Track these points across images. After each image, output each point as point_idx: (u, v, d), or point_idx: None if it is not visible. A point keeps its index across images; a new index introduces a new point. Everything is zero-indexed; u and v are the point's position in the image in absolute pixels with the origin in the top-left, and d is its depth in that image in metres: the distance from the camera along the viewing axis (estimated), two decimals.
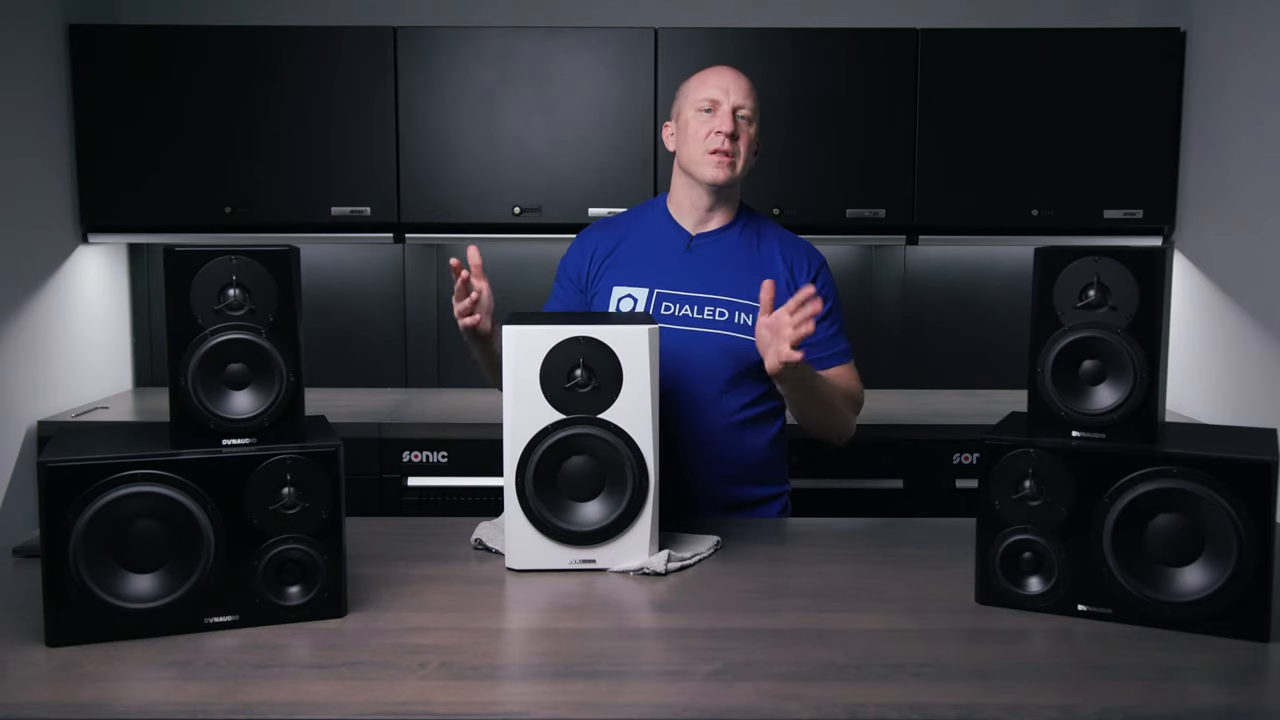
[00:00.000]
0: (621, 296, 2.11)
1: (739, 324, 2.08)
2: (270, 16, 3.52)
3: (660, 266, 2.13)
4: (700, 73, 2.16)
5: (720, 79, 2.11)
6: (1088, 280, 1.53)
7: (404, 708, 1.26)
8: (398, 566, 1.74)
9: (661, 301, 2.10)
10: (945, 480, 3.05)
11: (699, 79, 2.14)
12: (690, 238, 2.16)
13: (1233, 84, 3.01)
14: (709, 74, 2.13)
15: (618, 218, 2.28)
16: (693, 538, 1.85)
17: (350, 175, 3.24)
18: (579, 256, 2.21)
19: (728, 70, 2.14)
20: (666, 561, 1.72)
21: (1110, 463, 1.51)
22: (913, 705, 1.26)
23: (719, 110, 2.08)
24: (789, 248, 2.18)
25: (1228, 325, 3.03)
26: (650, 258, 2.15)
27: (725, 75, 2.12)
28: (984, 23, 3.40)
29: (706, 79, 2.12)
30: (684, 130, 2.13)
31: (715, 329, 2.07)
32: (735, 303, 2.09)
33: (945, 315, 3.64)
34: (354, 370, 3.64)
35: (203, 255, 1.48)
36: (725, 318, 2.09)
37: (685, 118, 2.13)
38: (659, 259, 2.14)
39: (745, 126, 2.11)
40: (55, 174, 3.18)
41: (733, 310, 2.09)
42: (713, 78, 2.12)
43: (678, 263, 2.14)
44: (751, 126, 2.12)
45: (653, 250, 2.16)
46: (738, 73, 2.14)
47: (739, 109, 2.09)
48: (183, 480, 1.45)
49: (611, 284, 2.14)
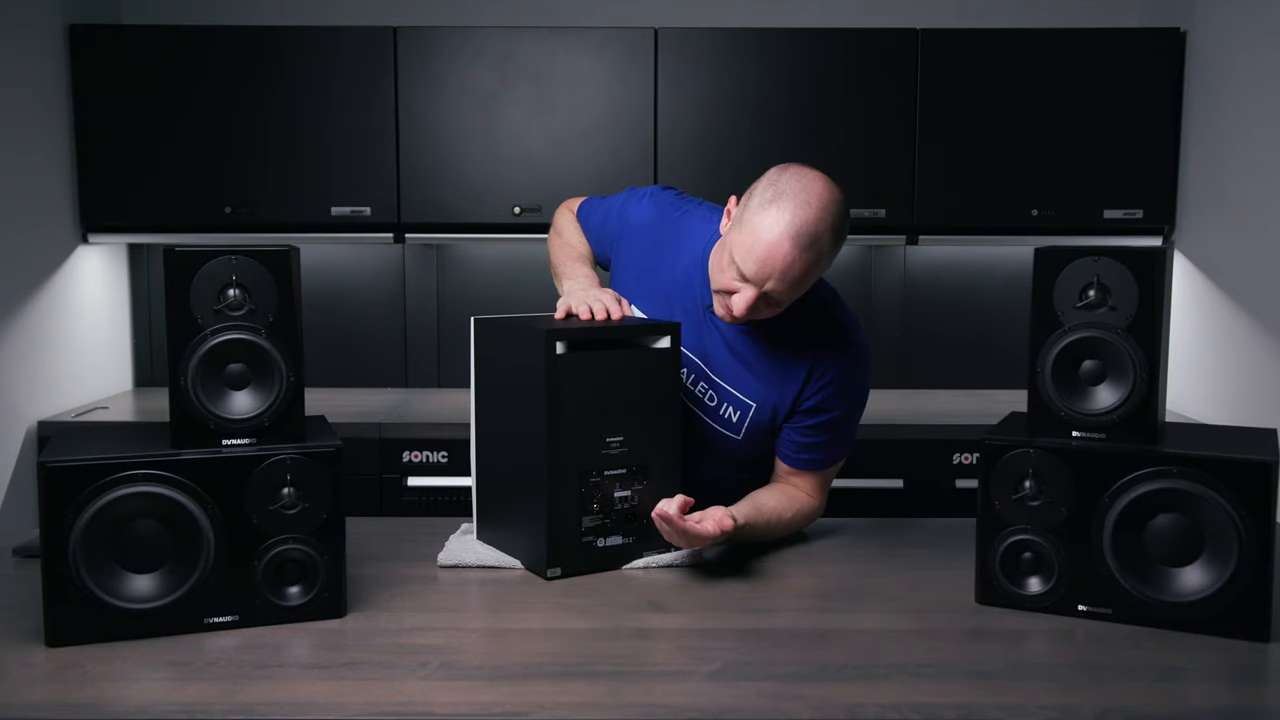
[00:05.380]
0: None
1: (723, 416, 1.88)
2: (270, 16, 3.51)
3: (681, 312, 1.89)
4: (770, 215, 1.68)
5: (768, 258, 1.67)
6: (1088, 280, 1.53)
7: (404, 708, 1.26)
8: (398, 566, 1.74)
9: None
10: (945, 480, 3.05)
11: (756, 230, 1.68)
12: None
13: (1233, 84, 3.01)
14: (767, 234, 1.67)
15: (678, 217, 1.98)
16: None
17: (350, 175, 3.24)
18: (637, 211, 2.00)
19: (787, 246, 1.66)
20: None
21: (1110, 463, 1.51)
22: (913, 705, 1.26)
23: (746, 285, 1.71)
24: (811, 355, 1.85)
25: (1228, 325, 3.03)
26: (674, 296, 1.91)
27: (777, 257, 1.67)
28: (984, 23, 3.40)
29: (759, 242, 1.67)
30: (715, 257, 1.78)
31: (700, 411, 1.89)
32: (728, 392, 1.88)
33: (945, 315, 3.64)
34: (354, 370, 3.64)
35: (203, 255, 1.48)
36: (713, 404, 1.89)
37: (726, 242, 1.74)
38: (681, 302, 1.90)
39: (765, 307, 1.74)
40: (55, 174, 3.18)
41: (722, 400, 1.88)
42: (763, 246, 1.67)
43: (692, 319, 1.89)
44: (783, 304, 1.75)
45: (680, 291, 1.91)
46: (798, 253, 1.67)
47: (771, 294, 1.71)
48: (183, 480, 1.45)
49: (634, 296, 1.94)
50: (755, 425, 1.88)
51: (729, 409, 1.89)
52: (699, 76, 3.22)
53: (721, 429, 1.90)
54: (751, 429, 1.88)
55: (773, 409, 1.87)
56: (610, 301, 1.79)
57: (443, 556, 1.76)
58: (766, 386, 1.87)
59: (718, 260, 1.77)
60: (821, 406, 1.86)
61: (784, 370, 1.86)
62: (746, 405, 1.87)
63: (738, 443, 1.90)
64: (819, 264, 1.72)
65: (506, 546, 1.77)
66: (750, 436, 1.89)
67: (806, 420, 1.87)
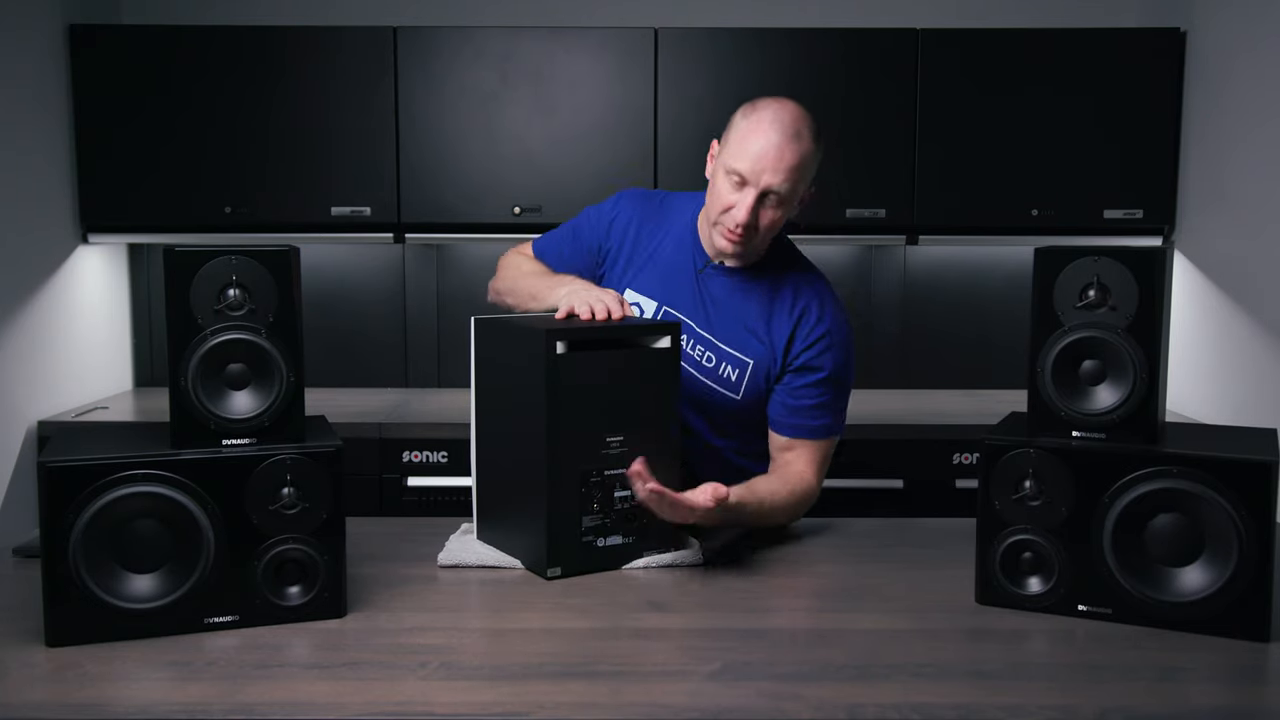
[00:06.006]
0: (632, 303, 2.01)
1: (722, 375, 1.96)
2: (270, 16, 3.51)
3: (674, 283, 2.00)
4: (751, 117, 1.84)
5: (763, 148, 1.81)
6: (1088, 280, 1.53)
7: (404, 708, 1.26)
8: (398, 566, 1.74)
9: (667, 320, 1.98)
10: (945, 480, 3.05)
11: (743, 132, 1.84)
12: (706, 262, 1.99)
13: (1233, 84, 3.01)
14: (756, 131, 1.82)
15: (662, 204, 2.09)
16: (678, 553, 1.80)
17: (350, 175, 3.24)
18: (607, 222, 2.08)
19: (772, 136, 1.81)
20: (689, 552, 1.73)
21: (1110, 463, 1.51)
22: (913, 705, 1.26)
23: (744, 190, 1.84)
24: (801, 303, 1.95)
25: (1228, 325, 3.03)
26: (666, 269, 2.02)
27: (770, 147, 1.81)
28: (984, 23, 3.40)
29: (746, 140, 1.82)
30: (712, 181, 1.91)
31: (697, 373, 1.96)
32: (725, 351, 1.96)
33: (945, 315, 3.64)
34: (354, 370, 3.64)
35: (203, 255, 1.48)
36: (711, 365, 1.96)
37: (717, 166, 1.90)
38: (675, 274, 2.01)
39: (771, 210, 1.86)
40: (55, 174, 3.18)
41: (720, 360, 1.96)
42: (755, 143, 1.81)
43: (689, 285, 2.00)
44: (781, 208, 1.86)
45: (670, 262, 2.02)
46: (787, 142, 1.81)
47: (769, 192, 1.83)
48: (183, 480, 1.45)
49: (627, 282, 2.04)
50: (754, 384, 1.96)
51: (727, 368, 1.96)
52: (699, 76, 3.22)
53: (722, 389, 1.96)
54: (750, 388, 1.96)
55: (767, 364, 1.95)
56: (612, 301, 1.79)
57: (443, 556, 1.76)
58: (760, 341, 1.96)
59: (713, 189, 1.90)
60: (811, 365, 1.94)
61: (774, 320, 1.96)
62: (744, 363, 1.95)
63: (737, 403, 1.97)
64: (808, 160, 1.86)
65: (506, 546, 1.77)
66: (749, 396, 1.96)
67: (798, 381, 1.95)
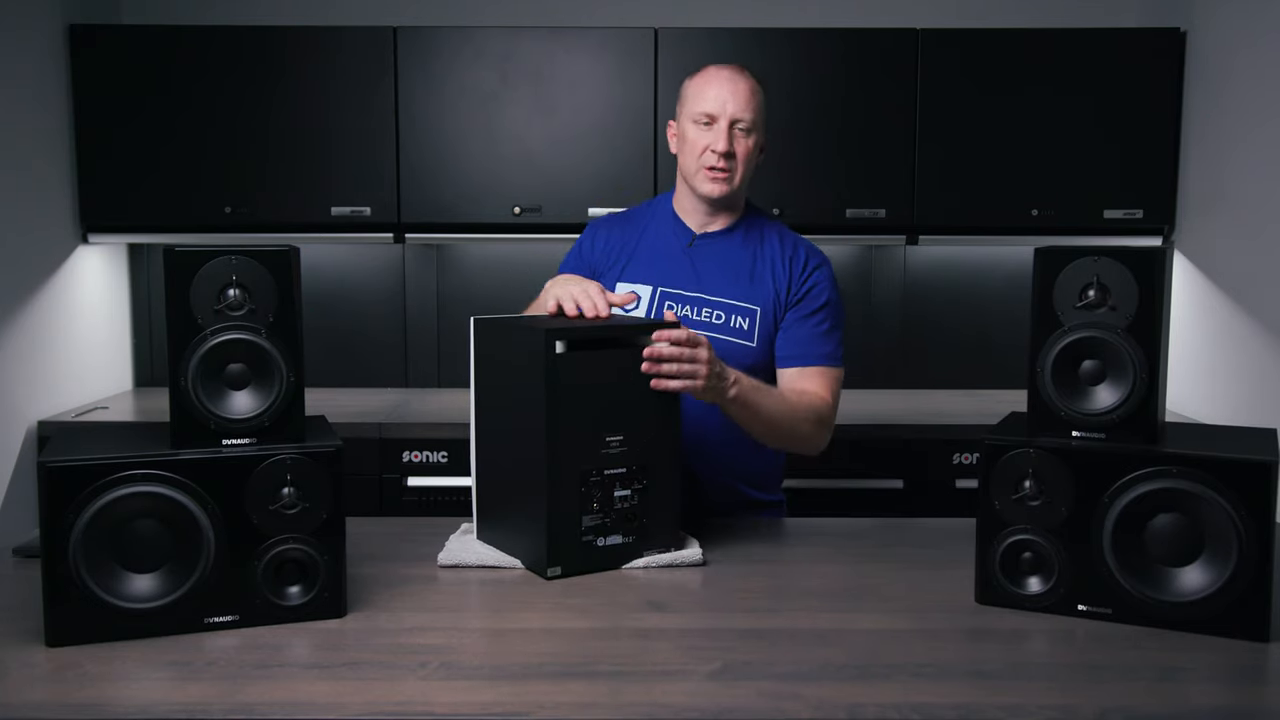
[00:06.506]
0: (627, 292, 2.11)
1: (734, 328, 2.07)
2: (270, 16, 3.51)
3: (665, 264, 2.13)
4: (701, 75, 2.08)
5: (719, 89, 2.03)
6: (1088, 280, 1.53)
7: (404, 708, 1.26)
8: (398, 566, 1.74)
9: (664, 300, 2.10)
10: (945, 480, 3.05)
11: (698, 85, 2.07)
12: (693, 236, 2.14)
13: (1233, 84, 3.01)
14: (708, 81, 2.06)
15: (628, 213, 2.27)
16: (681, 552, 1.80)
17: (350, 175, 3.24)
18: (589, 250, 2.20)
19: (726, 76, 2.05)
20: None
21: (1110, 463, 1.51)
22: (913, 705, 1.26)
23: (715, 125, 2.03)
24: (790, 248, 2.14)
25: (1228, 325, 3.03)
26: (655, 255, 2.14)
27: (724, 84, 2.04)
28: (984, 23, 3.40)
29: (705, 88, 2.05)
30: (682, 138, 2.09)
31: (710, 332, 2.04)
32: (731, 305, 2.08)
33: (945, 315, 3.64)
34: (354, 370, 3.64)
35: (203, 255, 1.48)
36: (721, 321, 2.07)
37: (683, 127, 2.09)
38: (664, 256, 2.14)
39: (743, 138, 2.04)
40: (55, 174, 3.18)
41: (729, 314, 2.08)
42: (711, 88, 2.04)
43: (680, 261, 2.13)
44: (751, 136, 2.05)
45: (659, 247, 2.15)
46: (738, 77, 2.05)
47: (737, 121, 2.03)
48: (183, 480, 1.45)
49: (617, 279, 2.13)
50: (765, 329, 2.08)
51: (737, 319, 2.08)
52: None
53: (738, 340, 2.06)
54: (763, 333, 2.08)
55: (773, 306, 2.09)
56: (594, 292, 1.81)
57: (443, 556, 1.76)
58: (762, 286, 2.10)
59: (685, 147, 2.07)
60: (812, 295, 2.09)
61: (771, 266, 2.11)
62: (751, 311, 2.08)
63: (754, 351, 2.07)
64: (760, 94, 2.07)
65: (506, 546, 1.77)
66: (763, 342, 2.08)
67: (802, 311, 2.09)
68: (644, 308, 2.10)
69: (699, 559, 1.77)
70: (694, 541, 1.82)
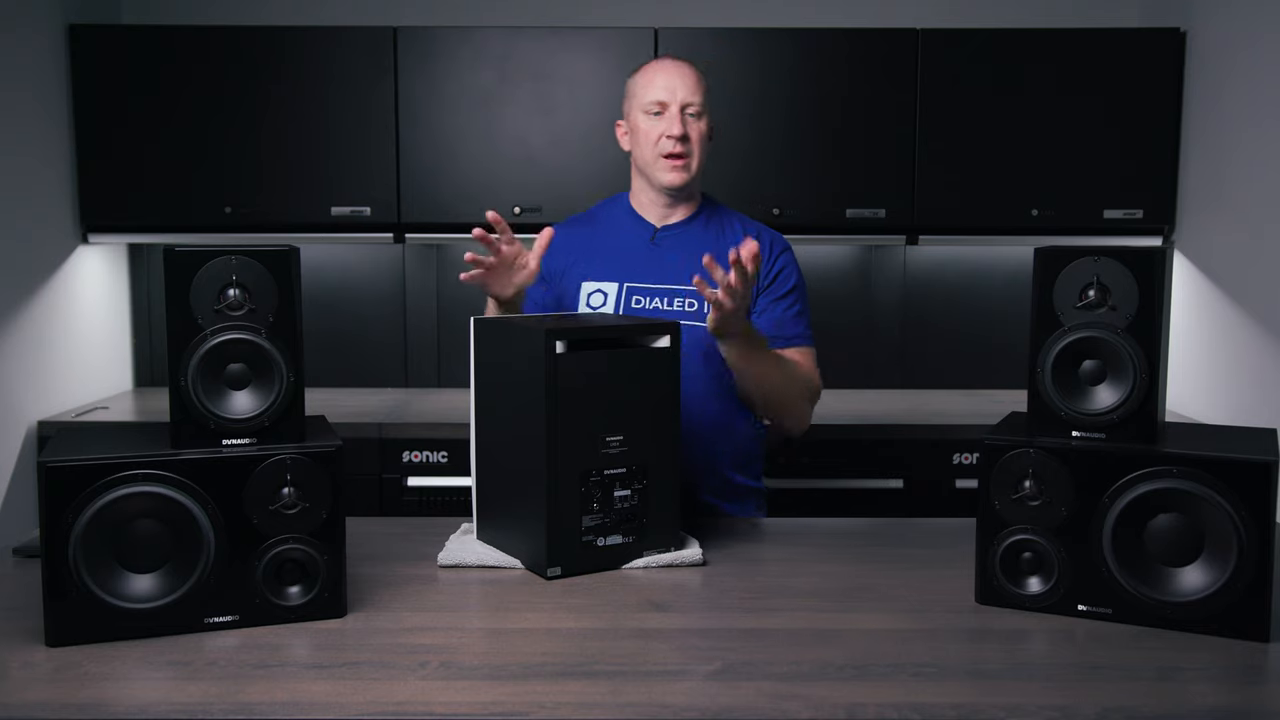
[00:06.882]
0: (591, 292, 2.12)
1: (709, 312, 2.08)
2: (270, 16, 3.52)
3: (628, 261, 2.14)
4: (644, 70, 2.13)
5: (665, 78, 2.08)
6: (1088, 280, 1.53)
7: (404, 708, 1.26)
8: (398, 566, 1.74)
9: (632, 295, 2.10)
10: (945, 480, 3.05)
11: (644, 78, 2.12)
12: (655, 230, 2.16)
13: (1233, 84, 3.01)
14: (653, 72, 2.11)
15: (581, 215, 2.29)
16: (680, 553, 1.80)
17: (350, 175, 3.24)
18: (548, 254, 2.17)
19: (671, 65, 2.11)
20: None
21: (1110, 463, 1.51)
22: (913, 705, 1.26)
23: (667, 112, 2.07)
24: (753, 234, 2.16)
25: (1228, 325, 3.03)
26: (617, 252, 2.15)
27: (669, 72, 2.09)
28: (984, 23, 3.40)
29: (652, 79, 2.10)
30: (635, 133, 2.13)
31: (686, 320, 2.04)
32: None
33: (945, 315, 3.64)
34: (354, 370, 3.64)
35: (203, 255, 1.48)
36: (695, 309, 2.08)
37: (635, 120, 2.12)
38: (626, 253, 2.15)
39: (695, 123, 2.08)
40: (55, 174, 3.18)
41: (702, 301, 2.08)
42: (659, 77, 2.09)
43: (644, 256, 2.14)
44: (701, 120, 2.10)
45: (619, 245, 2.16)
46: (681, 66, 2.10)
47: (687, 106, 2.07)
48: (183, 480, 1.45)
49: (580, 279, 2.14)
50: None
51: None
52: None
53: None
54: None
55: None
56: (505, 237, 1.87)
57: (443, 556, 1.76)
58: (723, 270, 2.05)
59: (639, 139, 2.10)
60: (782, 277, 2.14)
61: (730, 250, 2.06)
62: None
63: None
64: (703, 79, 2.11)
65: (506, 546, 1.77)
66: None
67: (775, 294, 2.13)
68: (611, 305, 2.10)
69: (699, 559, 1.77)
70: (694, 541, 1.82)
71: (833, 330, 3.58)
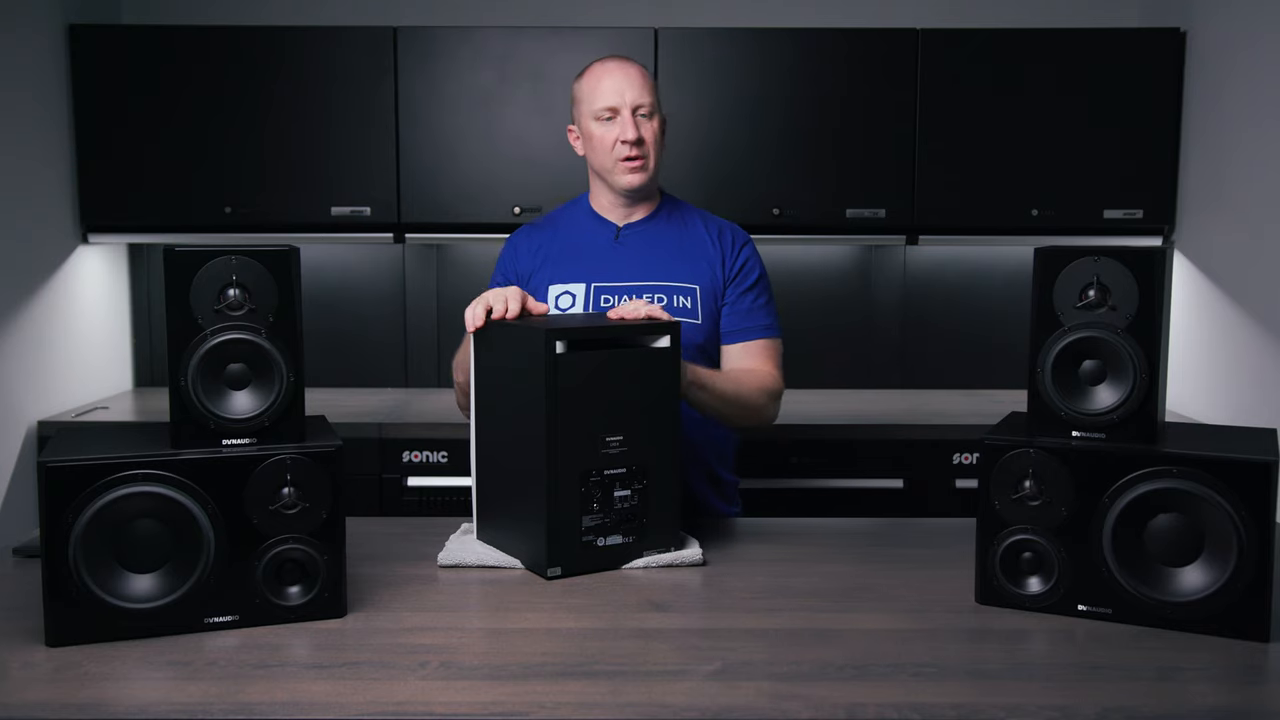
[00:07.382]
0: (559, 294, 2.12)
1: (678, 308, 2.10)
2: (270, 16, 3.51)
3: (593, 261, 2.14)
4: (589, 74, 2.12)
5: (612, 81, 2.07)
6: (1088, 280, 1.53)
7: (404, 708, 1.26)
8: (398, 566, 1.74)
9: (600, 295, 2.10)
10: (945, 480, 3.05)
11: (591, 83, 2.10)
12: (618, 229, 2.17)
13: (1233, 84, 3.01)
14: (600, 76, 2.09)
15: (542, 219, 2.29)
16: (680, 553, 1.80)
17: (350, 175, 3.24)
18: (511, 259, 2.21)
19: (616, 67, 2.09)
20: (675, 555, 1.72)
21: (1110, 463, 1.51)
22: (913, 705, 1.26)
23: (619, 117, 2.07)
24: (714, 227, 2.19)
25: (1228, 325, 3.03)
26: (582, 253, 2.16)
27: (615, 75, 2.08)
28: (984, 23, 3.40)
29: (599, 84, 2.08)
30: (588, 139, 2.12)
31: None
32: (671, 287, 2.11)
33: (945, 315, 3.64)
34: (354, 370, 3.64)
35: (203, 255, 1.48)
36: (664, 303, 2.09)
37: (587, 127, 2.11)
38: (591, 253, 2.15)
39: (647, 123, 2.08)
40: (55, 174, 3.18)
41: (670, 295, 2.10)
42: (604, 81, 2.08)
43: (609, 255, 2.15)
44: (654, 119, 2.09)
45: (583, 246, 2.17)
46: (626, 66, 2.09)
47: (638, 108, 2.07)
48: (183, 480, 1.45)
49: (547, 282, 2.14)
50: (708, 306, 2.13)
51: (680, 299, 2.11)
52: (699, 76, 3.22)
53: (684, 319, 2.06)
54: (706, 310, 2.12)
55: (712, 283, 2.13)
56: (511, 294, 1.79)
57: (443, 556, 1.76)
58: (696, 265, 2.14)
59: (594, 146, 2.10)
60: (746, 271, 2.15)
61: (702, 246, 2.16)
62: (691, 289, 2.12)
63: (701, 328, 2.11)
64: (649, 77, 2.11)
65: (506, 546, 1.77)
66: (708, 319, 2.12)
67: (740, 287, 2.14)
68: (580, 305, 2.10)
69: (699, 559, 1.77)
70: (694, 541, 1.82)
71: (833, 330, 3.58)
